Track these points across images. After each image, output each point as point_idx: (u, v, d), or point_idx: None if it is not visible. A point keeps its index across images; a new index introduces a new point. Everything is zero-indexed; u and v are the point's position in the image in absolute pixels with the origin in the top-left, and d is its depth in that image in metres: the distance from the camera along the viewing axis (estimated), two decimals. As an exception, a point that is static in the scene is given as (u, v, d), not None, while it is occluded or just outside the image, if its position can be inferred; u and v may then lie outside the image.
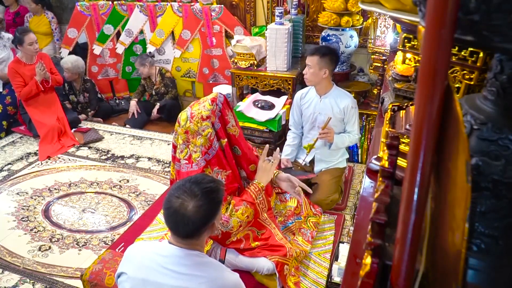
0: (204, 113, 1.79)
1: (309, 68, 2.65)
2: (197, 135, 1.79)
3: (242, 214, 1.85)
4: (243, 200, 1.88)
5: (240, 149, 1.94)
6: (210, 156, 1.81)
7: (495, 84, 0.61)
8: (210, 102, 1.81)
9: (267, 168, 1.96)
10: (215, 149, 1.82)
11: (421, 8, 0.57)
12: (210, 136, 1.79)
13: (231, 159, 1.90)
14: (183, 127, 1.81)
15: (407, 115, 1.13)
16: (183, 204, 1.28)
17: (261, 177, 1.95)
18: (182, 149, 1.84)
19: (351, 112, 2.73)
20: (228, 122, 1.88)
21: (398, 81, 1.49)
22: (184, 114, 1.83)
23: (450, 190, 0.50)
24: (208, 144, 1.80)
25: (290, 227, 2.19)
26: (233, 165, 1.91)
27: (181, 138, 1.83)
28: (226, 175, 1.87)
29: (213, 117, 1.80)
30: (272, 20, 4.09)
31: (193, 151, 1.81)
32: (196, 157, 1.80)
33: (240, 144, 1.93)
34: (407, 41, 1.15)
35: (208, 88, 4.68)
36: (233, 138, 1.91)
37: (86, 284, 2.03)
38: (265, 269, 1.90)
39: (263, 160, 1.98)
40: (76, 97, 4.69)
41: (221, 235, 1.87)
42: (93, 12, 4.85)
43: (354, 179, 3.27)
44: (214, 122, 1.81)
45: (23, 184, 3.43)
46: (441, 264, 0.55)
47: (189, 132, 1.80)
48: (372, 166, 1.19)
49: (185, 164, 1.84)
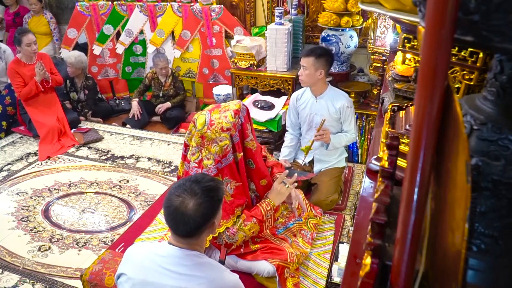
0: (225, 124, 1.73)
1: (304, 70, 2.64)
2: (213, 142, 1.74)
3: (249, 230, 1.84)
4: (252, 216, 1.86)
5: (255, 163, 1.90)
6: (222, 165, 1.78)
7: (495, 84, 0.61)
8: (233, 114, 1.76)
9: (282, 191, 1.96)
10: (229, 160, 1.78)
11: (421, 9, 0.57)
12: (226, 148, 1.75)
13: (244, 173, 1.87)
14: (199, 131, 1.76)
15: (407, 116, 1.13)
16: (184, 203, 1.28)
17: (274, 198, 1.95)
18: (194, 152, 1.80)
19: (347, 111, 2.73)
20: (247, 136, 1.84)
21: (398, 81, 1.49)
22: (202, 117, 1.77)
23: (450, 190, 0.50)
24: (223, 154, 1.76)
25: (291, 228, 2.19)
26: (244, 178, 1.88)
27: (195, 141, 1.78)
28: (236, 186, 1.84)
29: (233, 130, 1.75)
30: (272, 20, 4.09)
31: (206, 157, 1.77)
32: (208, 163, 1.76)
33: (256, 158, 1.90)
34: (407, 41, 1.15)
35: (208, 88, 4.68)
36: (250, 152, 1.87)
37: (86, 284, 2.03)
38: (266, 272, 1.90)
39: (279, 182, 1.96)
40: (77, 94, 4.65)
41: (224, 245, 1.88)
42: (93, 12, 4.85)
43: (354, 179, 3.27)
44: (233, 135, 1.76)
45: (23, 184, 3.43)
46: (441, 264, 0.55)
47: (205, 138, 1.75)
48: (372, 166, 1.19)
49: (194, 167, 1.81)
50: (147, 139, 4.22)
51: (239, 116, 1.78)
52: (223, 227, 1.80)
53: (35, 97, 4.12)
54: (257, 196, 2.00)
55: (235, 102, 1.85)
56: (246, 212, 1.88)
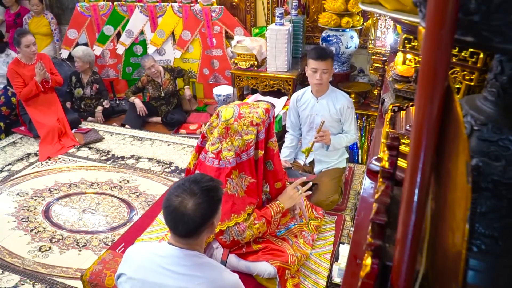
0: (255, 119, 1.77)
1: (323, 73, 2.62)
2: (237, 135, 1.77)
3: (257, 229, 1.86)
4: (262, 216, 1.88)
5: (274, 165, 1.93)
6: (241, 159, 1.80)
7: (495, 85, 0.61)
8: (264, 112, 1.80)
9: (294, 196, 1.98)
10: (249, 155, 1.81)
11: (421, 9, 0.57)
12: (250, 142, 1.78)
13: (261, 172, 1.89)
14: (225, 121, 1.78)
15: (407, 116, 1.13)
16: (183, 203, 1.29)
17: (285, 201, 1.96)
18: (214, 142, 1.82)
19: (347, 112, 2.73)
20: (272, 136, 1.88)
21: (398, 81, 1.49)
22: (230, 110, 1.80)
23: (450, 190, 0.50)
24: (245, 148, 1.78)
25: (292, 229, 2.19)
26: (260, 178, 1.90)
27: (218, 131, 1.81)
28: (250, 182, 1.85)
29: (261, 126, 1.79)
30: (272, 20, 4.09)
31: (227, 148, 1.78)
32: (228, 155, 1.78)
33: (275, 160, 1.92)
34: (407, 41, 1.15)
35: (209, 89, 4.68)
36: (271, 153, 1.90)
37: (86, 285, 2.03)
38: (266, 273, 1.90)
39: (294, 187, 1.99)
40: (83, 90, 4.62)
41: (230, 242, 1.87)
42: (93, 13, 4.85)
43: (355, 180, 3.27)
44: (260, 131, 1.80)
45: (23, 184, 3.43)
46: (441, 264, 0.55)
47: (230, 129, 1.78)
48: (372, 166, 1.19)
49: (211, 158, 1.82)
50: (147, 139, 4.22)
51: (269, 115, 1.83)
52: (233, 221, 1.80)
53: (35, 97, 4.12)
54: (269, 198, 2.01)
55: (264, 103, 1.90)
56: (257, 211, 1.89)
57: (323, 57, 2.59)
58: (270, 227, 1.93)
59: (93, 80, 4.61)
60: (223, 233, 1.84)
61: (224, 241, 1.88)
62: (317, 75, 2.62)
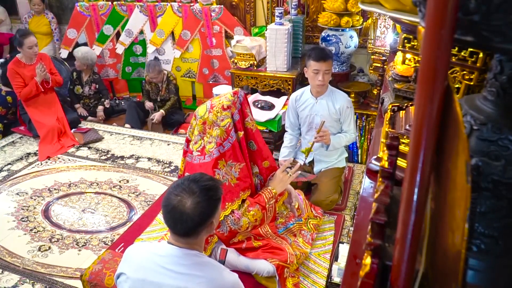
0: (225, 102, 1.82)
1: (325, 74, 2.62)
2: (214, 125, 1.81)
3: (252, 216, 1.86)
4: (256, 202, 1.89)
5: (256, 144, 1.95)
6: (224, 148, 1.82)
7: (495, 84, 0.61)
8: (233, 94, 1.86)
9: (284, 179, 1.98)
10: (231, 141, 1.83)
11: (421, 9, 0.57)
12: (228, 127, 1.81)
13: (246, 153, 1.92)
14: (201, 118, 1.84)
15: (407, 116, 1.13)
16: (182, 201, 1.29)
17: (276, 186, 1.96)
18: (197, 140, 1.86)
19: (346, 111, 2.73)
20: (247, 115, 1.91)
21: (398, 81, 1.49)
22: (203, 107, 1.86)
23: (450, 190, 0.50)
24: (224, 136, 1.81)
25: (291, 228, 2.19)
26: (247, 159, 1.93)
27: (198, 129, 1.86)
28: (240, 168, 1.87)
29: (233, 107, 1.83)
30: (272, 20, 4.09)
31: (208, 142, 1.82)
32: (210, 147, 1.81)
33: (256, 139, 1.95)
34: (407, 41, 1.15)
35: (208, 89, 4.68)
36: (250, 133, 1.93)
37: (86, 285, 2.03)
38: (265, 272, 1.90)
39: (282, 170, 2.00)
40: (82, 88, 4.64)
41: (228, 232, 1.87)
42: (92, 12, 4.85)
43: (354, 180, 3.27)
44: (233, 113, 1.84)
45: (23, 184, 3.42)
46: (441, 264, 0.55)
47: (207, 123, 1.83)
48: (372, 166, 1.19)
49: (197, 156, 1.85)
50: (147, 139, 4.22)
51: (237, 96, 1.87)
52: (229, 210, 1.82)
53: (35, 97, 4.11)
54: (261, 180, 2.02)
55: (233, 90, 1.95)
56: (250, 199, 1.90)
57: (325, 58, 2.58)
58: (266, 213, 1.93)
59: (93, 80, 4.62)
60: (220, 225, 1.84)
61: (221, 233, 1.88)
62: (319, 77, 2.62)
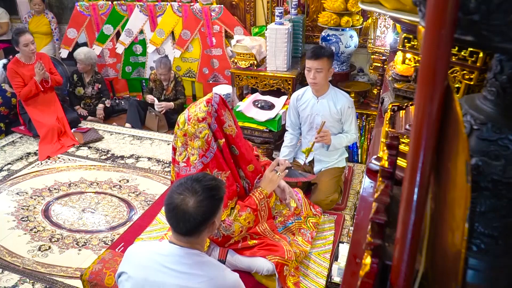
0: (200, 114, 1.79)
1: (318, 72, 2.58)
2: (194, 137, 1.80)
3: (244, 220, 1.86)
4: (247, 206, 1.88)
5: (238, 149, 1.93)
6: (208, 159, 1.81)
7: (495, 84, 0.61)
8: (206, 104, 1.82)
9: (274, 179, 1.98)
10: (213, 151, 1.82)
11: (421, 8, 0.57)
12: (207, 138, 1.79)
13: (229, 159, 1.90)
14: (181, 129, 1.82)
15: (407, 115, 1.13)
16: (184, 200, 1.29)
17: (266, 186, 1.96)
18: (181, 151, 1.85)
19: (348, 112, 2.73)
20: (224, 122, 1.87)
21: (398, 81, 1.49)
22: (182, 116, 1.84)
23: (450, 190, 0.50)
24: (206, 147, 1.80)
25: (290, 227, 2.19)
26: (232, 165, 1.92)
27: (180, 140, 1.84)
28: (226, 176, 1.87)
29: (209, 118, 1.80)
30: (272, 20, 4.09)
31: (191, 153, 1.82)
32: (193, 159, 1.81)
33: (238, 143, 1.93)
34: (407, 41, 1.14)
35: (208, 88, 4.68)
36: (230, 138, 1.91)
37: (86, 284, 2.03)
38: (265, 270, 1.90)
39: (271, 170, 1.99)
40: (84, 89, 4.64)
41: (221, 238, 1.88)
42: (92, 12, 4.85)
43: (354, 179, 3.27)
44: (210, 123, 1.81)
45: (23, 184, 3.42)
46: (441, 264, 0.55)
47: (187, 135, 1.81)
48: (372, 166, 1.19)
49: (183, 167, 1.85)
50: (147, 138, 4.22)
51: (211, 104, 1.83)
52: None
53: (35, 97, 4.11)
54: (249, 183, 2.02)
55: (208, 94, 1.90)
56: (240, 203, 1.90)
57: (317, 56, 2.56)
58: (260, 214, 1.93)
59: (95, 80, 4.64)
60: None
61: (216, 238, 1.89)
62: (311, 75, 2.61)
